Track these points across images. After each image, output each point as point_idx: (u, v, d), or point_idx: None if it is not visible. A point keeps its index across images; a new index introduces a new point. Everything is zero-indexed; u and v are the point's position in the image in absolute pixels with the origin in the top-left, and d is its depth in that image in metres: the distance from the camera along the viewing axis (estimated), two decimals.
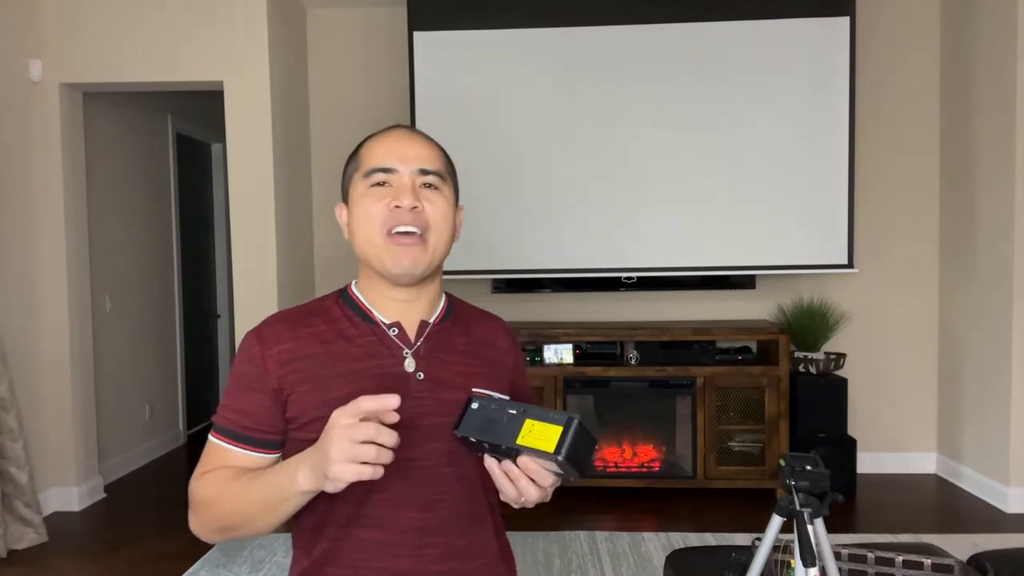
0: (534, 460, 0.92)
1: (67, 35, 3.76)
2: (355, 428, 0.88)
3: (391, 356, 1.10)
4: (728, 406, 3.93)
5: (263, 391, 1.07)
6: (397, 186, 1.09)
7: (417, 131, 1.16)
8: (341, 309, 1.14)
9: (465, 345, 1.17)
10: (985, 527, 3.51)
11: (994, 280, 3.80)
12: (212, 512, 1.05)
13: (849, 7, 3.97)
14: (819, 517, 1.42)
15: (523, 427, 0.92)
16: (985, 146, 3.86)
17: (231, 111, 3.79)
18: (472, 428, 0.95)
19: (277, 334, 1.10)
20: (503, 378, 1.19)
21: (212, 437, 1.10)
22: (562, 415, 0.90)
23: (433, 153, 1.14)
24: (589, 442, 0.91)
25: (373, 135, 1.16)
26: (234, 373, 1.11)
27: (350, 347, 1.09)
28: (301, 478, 0.94)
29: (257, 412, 1.07)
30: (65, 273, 3.80)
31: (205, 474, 1.08)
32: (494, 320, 1.26)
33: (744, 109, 4.02)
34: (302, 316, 1.13)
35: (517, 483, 0.94)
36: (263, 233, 3.82)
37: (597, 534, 3.44)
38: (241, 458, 1.08)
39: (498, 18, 4.08)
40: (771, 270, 4.09)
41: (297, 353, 1.08)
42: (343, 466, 0.87)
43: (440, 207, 1.11)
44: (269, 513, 1.00)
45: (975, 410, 3.99)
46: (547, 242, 4.12)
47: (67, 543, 3.46)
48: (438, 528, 1.07)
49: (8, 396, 3.34)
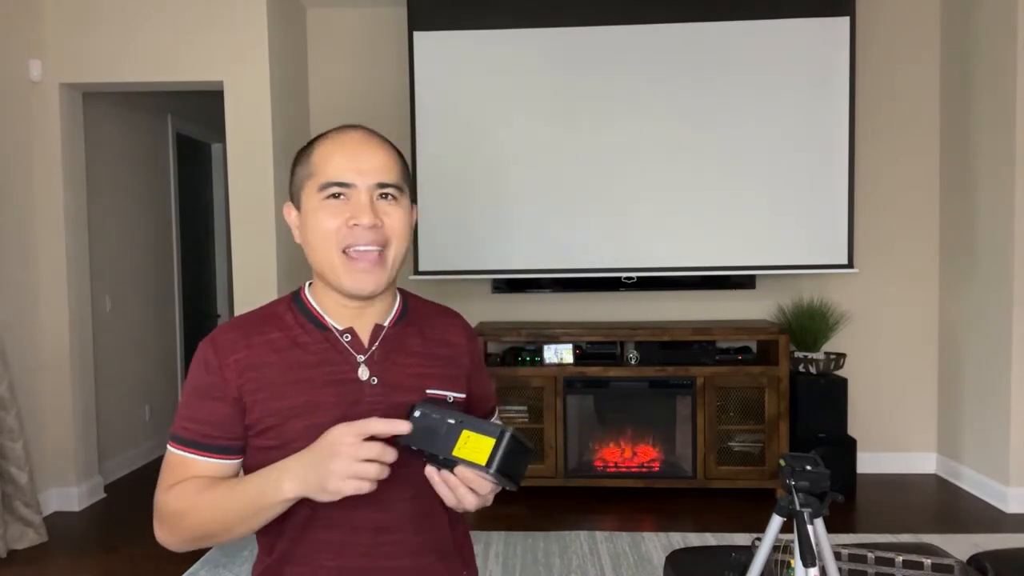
0: (470, 470, 0.95)
1: (67, 35, 3.76)
2: (360, 447, 0.92)
3: (344, 363, 1.10)
4: (728, 406, 3.93)
5: (224, 400, 1.07)
6: (354, 202, 1.06)
7: (374, 135, 1.12)
8: (294, 315, 1.14)
9: (420, 346, 1.16)
10: (985, 527, 3.51)
11: (994, 280, 3.80)
12: (185, 523, 1.05)
13: (849, 7, 3.97)
14: (819, 517, 1.42)
15: (460, 438, 0.95)
16: (985, 146, 3.86)
17: (231, 111, 3.79)
18: (412, 437, 0.97)
19: (232, 343, 1.09)
20: (459, 377, 1.19)
21: (173, 449, 1.09)
22: (496, 428, 0.93)
23: (390, 162, 1.10)
24: (523, 454, 0.94)
25: (326, 136, 1.11)
26: (191, 383, 1.10)
27: (304, 354, 1.09)
28: (287, 487, 0.97)
29: (221, 421, 1.07)
30: (65, 273, 3.80)
31: (174, 487, 1.07)
32: (451, 316, 1.25)
33: (744, 109, 4.02)
34: (255, 323, 1.13)
35: (455, 491, 0.97)
36: (263, 233, 3.82)
37: (597, 534, 3.44)
38: (206, 466, 1.08)
39: (498, 18, 4.08)
40: (771, 270, 4.09)
41: (252, 361, 1.08)
42: (345, 482, 0.92)
43: (398, 219, 1.09)
44: (250, 519, 1.02)
45: (975, 410, 3.99)
46: (547, 242, 4.12)
47: (67, 543, 3.46)
48: (392, 527, 1.09)
49: (8, 396, 3.34)
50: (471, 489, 0.96)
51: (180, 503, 1.06)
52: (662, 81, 4.05)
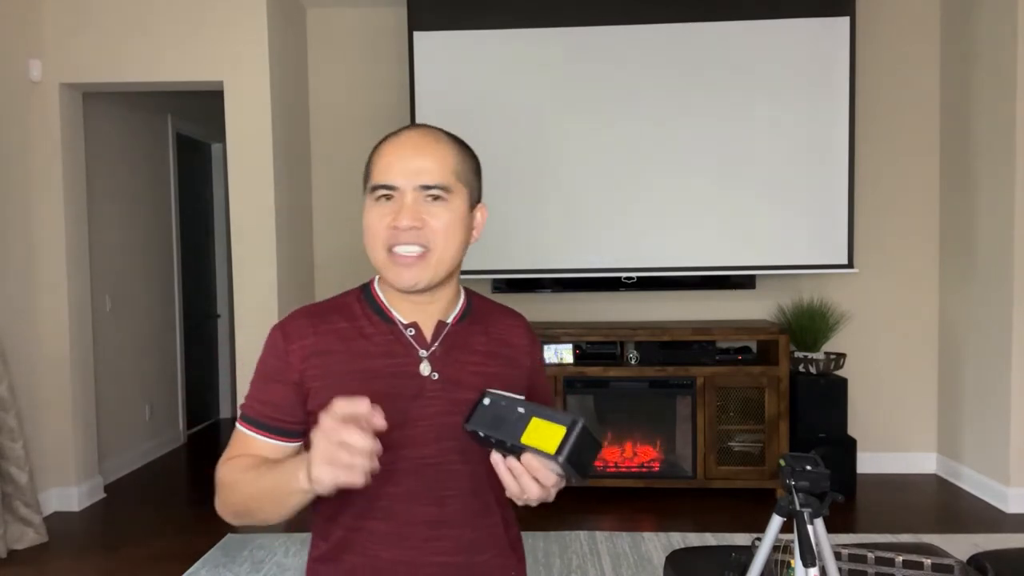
0: (537, 459, 0.93)
1: (67, 35, 3.76)
2: (333, 431, 0.89)
3: (407, 356, 1.12)
4: (728, 406, 3.93)
5: (286, 383, 1.11)
6: (398, 203, 1.09)
7: (430, 134, 1.14)
8: (362, 306, 1.17)
9: (483, 344, 1.18)
10: (985, 527, 3.51)
11: (994, 280, 3.80)
12: (229, 496, 1.10)
13: (849, 7, 3.97)
14: (819, 517, 1.42)
15: (529, 426, 0.93)
16: (985, 146, 3.86)
17: (231, 111, 3.79)
18: (481, 423, 0.97)
19: (300, 329, 1.13)
20: (520, 377, 1.21)
21: (238, 424, 1.14)
22: (567, 417, 0.91)
23: (438, 163, 1.11)
24: (592, 446, 0.92)
25: (386, 139, 1.14)
26: (260, 365, 1.15)
27: (368, 345, 1.12)
28: (302, 475, 0.96)
29: (281, 403, 1.11)
30: (65, 273, 3.80)
31: (230, 459, 1.12)
32: (514, 317, 1.27)
33: (744, 109, 4.02)
34: (324, 312, 1.16)
35: (520, 480, 0.95)
36: (263, 233, 3.82)
37: (597, 534, 3.44)
38: (264, 446, 1.11)
39: (498, 18, 4.08)
40: (771, 270, 4.09)
41: (317, 348, 1.11)
42: (322, 468, 0.89)
43: (443, 220, 1.10)
44: (277, 504, 1.03)
45: (975, 410, 3.99)
46: (547, 242, 4.12)
47: (67, 543, 3.46)
48: (448, 521, 1.11)
49: (8, 396, 3.34)
50: (535, 480, 0.95)
51: (229, 476, 1.10)
52: (662, 81, 4.04)
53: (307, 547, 3.61)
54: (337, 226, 4.46)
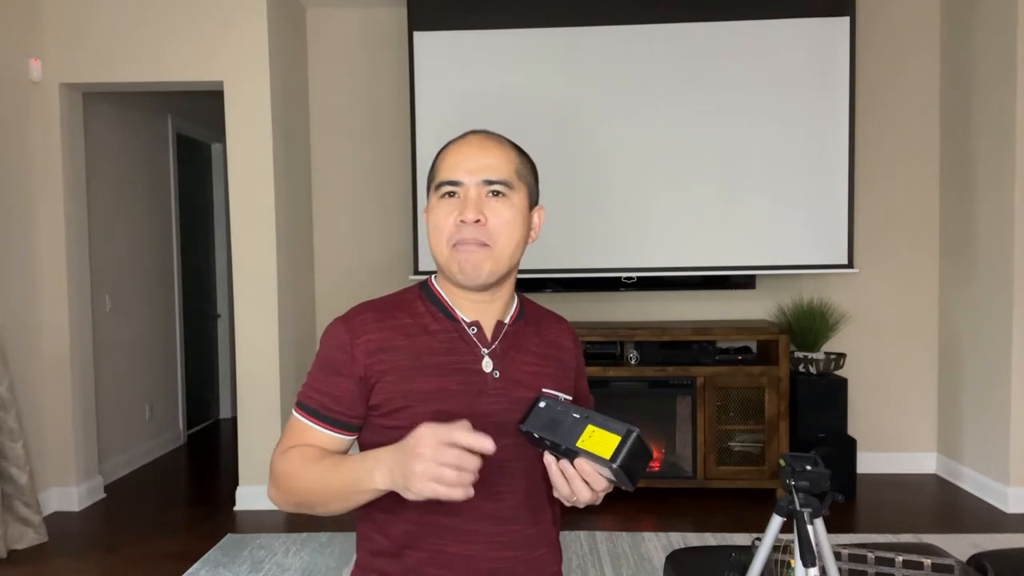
0: (590, 463, 0.96)
1: (67, 35, 3.76)
2: (440, 451, 0.93)
3: (470, 353, 1.16)
4: (728, 406, 3.93)
5: (350, 377, 1.13)
6: (463, 199, 1.13)
7: (491, 136, 1.19)
8: (424, 304, 1.19)
9: (537, 345, 1.23)
10: (985, 527, 3.51)
11: (994, 280, 3.80)
12: (291, 486, 1.11)
13: (849, 7, 3.97)
14: (819, 517, 1.42)
15: (584, 431, 0.96)
16: (985, 146, 3.86)
17: (231, 111, 3.80)
18: (537, 425, 1.00)
19: (364, 324, 1.15)
20: (568, 377, 1.25)
21: (296, 414, 1.15)
22: (623, 426, 0.94)
23: (501, 161, 1.16)
24: (645, 455, 0.95)
25: (450, 143, 1.20)
26: (321, 357, 1.16)
27: (433, 341, 1.15)
28: (378, 477, 0.99)
29: (343, 396, 1.13)
30: (65, 273, 3.80)
31: (289, 449, 1.13)
32: (561, 322, 1.32)
33: (744, 109, 4.02)
34: (387, 308, 1.18)
35: (572, 483, 0.98)
36: (263, 233, 3.82)
37: (597, 534, 3.44)
38: (322, 437, 1.13)
39: (498, 18, 4.08)
40: (771, 270, 4.09)
41: (383, 344, 1.13)
42: (425, 483, 0.93)
43: (505, 216, 1.14)
44: (344, 500, 1.06)
45: (975, 410, 3.99)
46: (547, 242, 4.11)
47: (67, 543, 3.46)
48: (509, 517, 1.14)
49: (8, 396, 3.34)
50: (586, 483, 0.98)
51: (289, 466, 1.10)
52: (662, 81, 4.04)
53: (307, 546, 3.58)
54: (337, 226, 4.46)
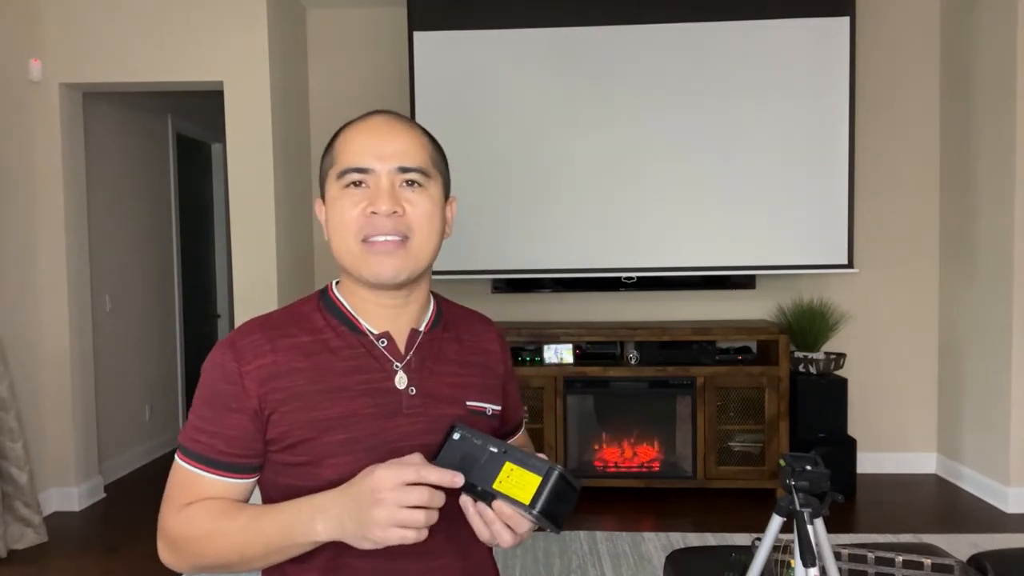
0: (510, 507, 0.87)
1: (67, 35, 3.76)
2: (405, 492, 0.84)
3: (380, 370, 1.01)
4: (728, 406, 3.93)
5: (242, 412, 0.97)
6: (374, 188, 0.99)
7: (400, 118, 1.05)
8: (324, 316, 1.04)
9: (457, 353, 1.09)
10: (985, 527, 3.51)
11: (994, 280, 3.80)
12: (197, 549, 0.95)
13: (849, 7, 3.97)
14: (819, 517, 1.42)
15: (502, 470, 0.87)
16: (985, 146, 3.86)
17: (231, 111, 3.79)
18: (450, 461, 0.90)
19: (254, 347, 0.98)
20: (496, 387, 1.12)
21: (182, 462, 0.99)
22: (543, 464, 0.86)
23: (415, 146, 1.02)
24: (569, 495, 0.86)
25: (350, 124, 1.05)
26: (205, 391, 0.99)
27: (336, 360, 1.00)
28: (320, 527, 0.88)
29: (236, 435, 0.97)
30: (65, 273, 3.80)
31: (185, 507, 0.97)
32: (484, 322, 1.18)
33: (744, 109, 4.02)
34: (279, 324, 1.02)
35: (491, 527, 0.88)
36: (263, 233, 3.82)
37: (597, 534, 3.44)
38: (219, 486, 0.98)
39: (498, 18, 4.08)
40: (771, 270, 4.09)
41: (279, 368, 0.98)
42: (389, 531, 0.84)
43: (423, 208, 1.00)
44: (271, 555, 0.93)
45: (975, 410, 3.99)
46: (547, 242, 4.12)
47: (67, 543, 3.46)
48: (437, 551, 1.00)
49: (8, 396, 3.34)
50: (508, 527, 0.88)
51: (193, 528, 0.95)
52: (662, 81, 4.04)
53: None
54: None
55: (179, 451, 1.00)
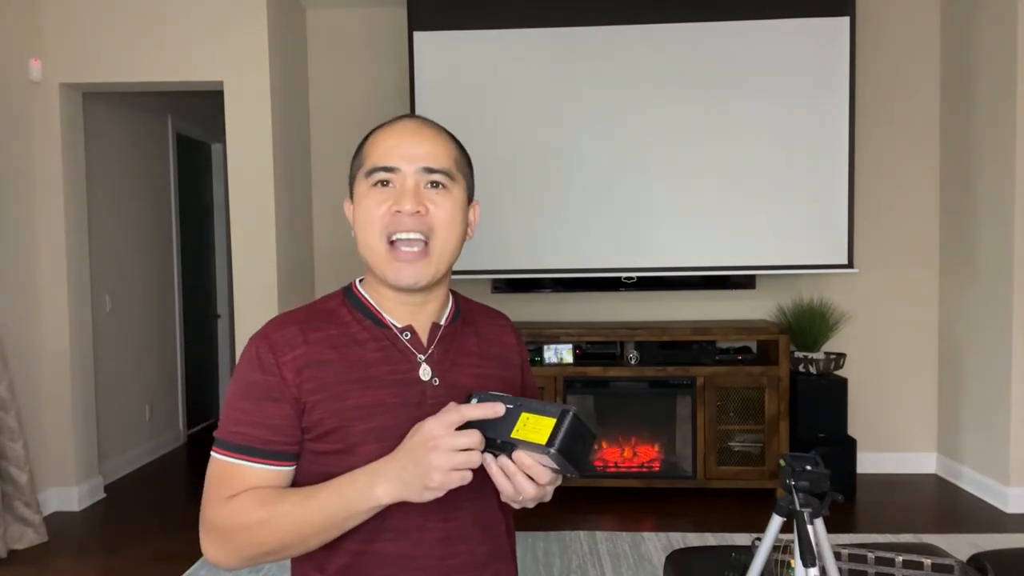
0: (530, 455, 0.89)
1: (67, 35, 3.76)
2: (457, 437, 0.89)
3: (405, 362, 1.06)
4: (728, 406, 3.93)
5: (284, 400, 1.00)
6: (400, 187, 1.03)
7: (427, 122, 1.09)
8: (349, 311, 1.08)
9: (476, 346, 1.14)
10: (985, 527, 3.51)
11: (994, 279, 3.80)
12: (250, 538, 0.97)
13: (849, 7, 3.97)
14: (819, 517, 1.42)
15: (519, 421, 0.90)
16: (985, 146, 3.86)
17: (231, 111, 3.79)
18: (470, 424, 0.93)
19: (288, 339, 1.03)
20: (514, 378, 1.17)
21: (221, 456, 1.01)
22: (557, 407, 0.88)
23: (442, 149, 1.06)
24: (586, 436, 0.88)
25: (380, 127, 1.09)
26: (243, 383, 1.02)
27: (363, 352, 1.04)
28: (381, 491, 0.92)
29: (280, 424, 1.00)
30: (65, 273, 3.80)
31: (231, 500, 0.98)
32: (499, 317, 1.24)
33: (744, 109, 4.02)
34: (309, 319, 1.07)
35: (513, 480, 0.90)
36: (263, 233, 3.82)
37: (597, 534, 3.44)
38: (263, 474, 1.00)
39: (498, 18, 4.08)
40: (771, 270, 4.09)
41: (311, 359, 1.02)
42: (448, 475, 0.88)
43: (446, 209, 1.05)
44: (329, 531, 0.96)
45: (975, 410, 3.99)
46: (547, 242, 4.12)
47: (67, 543, 3.46)
48: (461, 536, 1.04)
49: (8, 396, 3.34)
50: (529, 478, 0.90)
51: (244, 517, 0.97)
52: (662, 81, 4.04)
53: None
54: (337, 226, 4.46)
55: (216, 447, 1.02)
